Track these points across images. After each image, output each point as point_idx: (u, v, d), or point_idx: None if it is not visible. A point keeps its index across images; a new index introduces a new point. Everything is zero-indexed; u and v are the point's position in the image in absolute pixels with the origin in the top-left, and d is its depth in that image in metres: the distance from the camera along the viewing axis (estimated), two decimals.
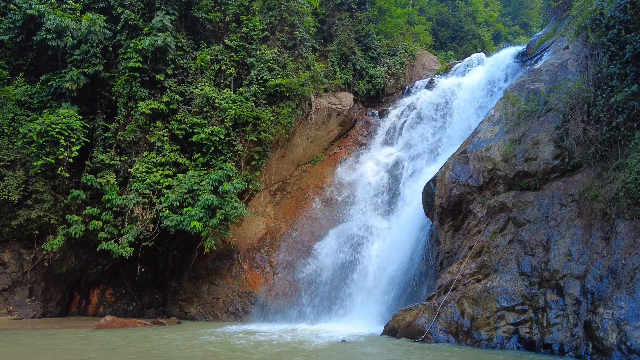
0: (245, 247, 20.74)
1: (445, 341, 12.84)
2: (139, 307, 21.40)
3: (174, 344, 13.01)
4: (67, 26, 20.43)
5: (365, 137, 25.36)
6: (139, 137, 20.52)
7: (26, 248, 19.67)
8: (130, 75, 20.40)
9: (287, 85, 21.71)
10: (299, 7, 24.02)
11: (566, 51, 15.92)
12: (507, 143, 14.71)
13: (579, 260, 12.06)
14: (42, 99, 21.06)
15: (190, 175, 19.48)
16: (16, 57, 21.83)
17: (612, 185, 12.13)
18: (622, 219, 11.67)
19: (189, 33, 22.88)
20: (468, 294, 13.18)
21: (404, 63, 28.15)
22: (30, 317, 19.12)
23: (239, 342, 13.51)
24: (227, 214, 18.80)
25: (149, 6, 21.43)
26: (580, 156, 13.11)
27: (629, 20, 12.42)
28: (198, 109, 20.96)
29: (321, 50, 26.31)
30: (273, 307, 18.97)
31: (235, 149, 20.62)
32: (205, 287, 20.37)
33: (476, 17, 41.17)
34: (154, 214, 19.11)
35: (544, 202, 13.42)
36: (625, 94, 12.18)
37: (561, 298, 11.88)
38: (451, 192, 15.39)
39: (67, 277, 21.00)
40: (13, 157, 19.35)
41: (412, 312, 13.86)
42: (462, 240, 14.94)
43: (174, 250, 21.76)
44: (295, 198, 22.76)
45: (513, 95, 15.50)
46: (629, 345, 10.01)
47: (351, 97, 26.03)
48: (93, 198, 20.21)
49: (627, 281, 10.84)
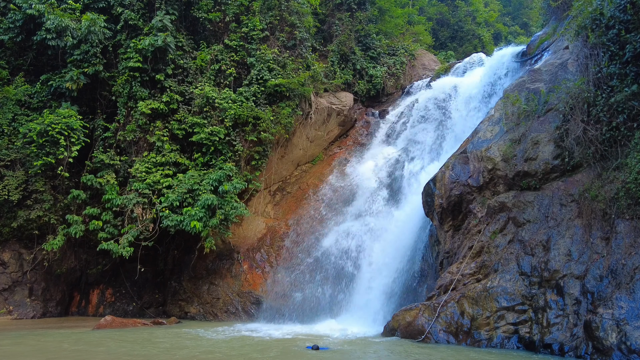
0: (245, 247, 20.74)
1: (445, 341, 12.85)
2: (138, 307, 21.40)
3: (174, 344, 13.01)
4: (67, 26, 20.42)
5: (365, 137, 25.36)
6: (139, 137, 20.52)
7: (26, 248, 19.66)
8: (130, 75, 20.40)
9: (287, 85, 21.71)
10: (299, 7, 24.02)
11: (566, 51, 15.92)
12: (507, 143, 14.70)
13: (579, 260, 12.07)
14: (42, 98, 21.05)
15: (190, 175, 19.48)
16: (16, 57, 21.81)
17: (612, 185, 12.13)
18: (622, 219, 11.67)
19: (189, 33, 22.87)
20: (468, 293, 13.18)
21: (403, 63, 28.15)
22: (30, 317, 19.12)
23: (238, 342, 13.52)
24: (227, 214, 18.81)
25: (149, 6, 21.42)
26: (580, 156, 13.12)
27: (629, 20, 12.42)
28: (198, 109, 20.96)
29: (321, 50, 26.31)
30: (273, 306, 18.97)
31: (235, 148, 20.62)
32: (205, 287, 20.37)
33: (476, 17, 41.17)
34: (154, 214, 19.11)
35: (544, 202, 13.42)
36: (625, 94, 12.18)
37: (561, 298, 11.88)
38: (451, 192, 15.39)
39: (67, 277, 20.99)
40: (13, 157, 19.33)
41: (412, 312, 13.87)
42: (462, 240, 14.95)
43: (174, 250, 21.75)
44: (295, 198, 22.76)
45: (513, 95, 15.49)
46: (629, 345, 10.01)
47: (351, 97, 26.03)
48: (93, 198, 20.20)
49: (627, 281, 10.84)
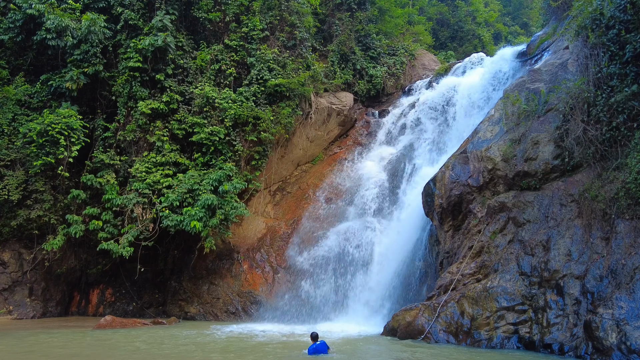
0: (245, 247, 20.74)
1: (445, 341, 12.85)
2: (138, 307, 21.39)
3: (174, 344, 13.01)
4: (67, 26, 20.42)
5: (365, 137, 25.35)
6: (139, 137, 20.52)
7: (26, 248, 19.65)
8: (130, 75, 20.39)
9: (287, 85, 21.71)
10: (299, 7, 24.01)
11: (566, 51, 15.92)
12: (507, 143, 14.70)
13: (578, 260, 12.07)
14: (42, 98, 21.05)
15: (190, 175, 19.48)
16: (16, 57, 21.81)
17: (612, 185, 12.13)
18: (622, 219, 11.67)
19: (189, 33, 22.87)
20: (468, 293, 13.18)
21: (404, 63, 28.14)
22: (30, 316, 19.11)
23: (238, 342, 13.51)
24: (227, 214, 18.81)
25: (149, 6, 21.42)
26: (580, 156, 13.11)
27: (629, 20, 12.42)
28: (198, 109, 20.96)
29: (321, 50, 26.30)
30: (273, 306, 18.98)
31: (235, 148, 20.62)
32: (205, 287, 20.37)
33: (476, 17, 41.13)
34: (154, 213, 19.11)
35: (544, 202, 13.42)
36: (625, 94, 12.18)
37: (561, 298, 11.88)
38: (451, 192, 15.39)
39: (67, 276, 20.99)
40: (13, 156, 19.33)
41: (412, 312, 13.87)
42: (462, 240, 14.95)
43: (174, 250, 21.74)
44: (295, 198, 22.76)
45: (513, 95, 15.49)
46: (629, 345, 10.01)
47: (351, 97, 26.02)
48: (93, 198, 20.20)
49: (627, 281, 10.84)
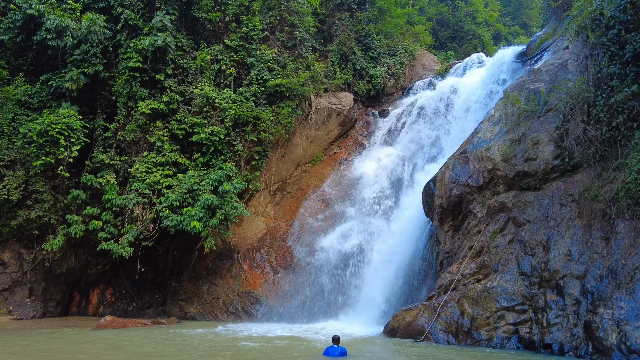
0: (245, 247, 20.74)
1: (445, 341, 12.85)
2: (138, 307, 21.39)
3: (174, 344, 13.01)
4: (67, 26, 20.41)
5: (365, 137, 25.36)
6: (139, 137, 20.52)
7: (26, 248, 19.65)
8: (130, 75, 20.39)
9: (287, 85, 21.71)
10: (299, 7, 24.02)
11: (566, 51, 15.93)
12: (507, 143, 14.70)
13: (579, 260, 12.06)
14: (42, 98, 21.04)
15: (190, 175, 19.48)
16: (16, 57, 21.81)
17: (612, 185, 12.13)
18: (622, 219, 11.67)
19: (189, 33, 22.87)
20: (468, 294, 13.18)
21: (404, 63, 28.14)
22: (30, 317, 19.11)
23: (237, 342, 13.51)
24: (227, 214, 18.81)
25: (149, 6, 21.42)
26: (580, 156, 13.12)
27: (629, 20, 12.42)
28: (198, 109, 20.97)
29: (321, 50, 26.29)
30: (273, 306, 18.98)
31: (235, 149, 20.62)
32: (205, 287, 20.37)
33: (476, 17, 41.14)
34: (154, 214, 19.12)
35: (544, 202, 13.42)
36: (625, 94, 12.18)
37: (561, 298, 11.88)
38: (451, 192, 15.39)
39: (67, 277, 20.98)
40: (13, 157, 19.33)
41: (412, 312, 13.87)
42: (462, 240, 14.95)
43: (174, 250, 21.74)
44: (295, 198, 22.75)
45: (513, 95, 15.50)
46: (629, 345, 10.01)
47: (351, 97, 26.02)
48: (93, 198, 20.20)
49: (627, 281, 10.84)
